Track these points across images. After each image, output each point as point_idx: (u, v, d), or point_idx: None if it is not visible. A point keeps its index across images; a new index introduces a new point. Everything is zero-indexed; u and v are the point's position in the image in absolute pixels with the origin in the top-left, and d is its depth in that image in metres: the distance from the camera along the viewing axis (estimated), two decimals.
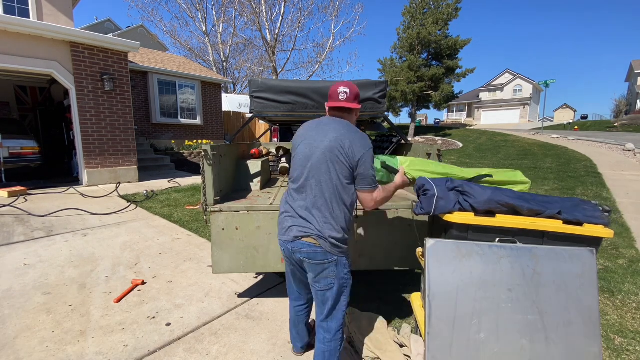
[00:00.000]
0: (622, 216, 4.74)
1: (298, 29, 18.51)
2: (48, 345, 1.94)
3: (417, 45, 20.56)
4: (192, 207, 5.23)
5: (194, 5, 19.47)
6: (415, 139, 20.68)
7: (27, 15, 7.52)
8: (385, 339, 1.93)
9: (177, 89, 11.28)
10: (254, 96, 2.64)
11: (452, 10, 19.95)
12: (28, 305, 2.38)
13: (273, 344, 2.01)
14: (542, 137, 18.21)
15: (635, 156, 10.99)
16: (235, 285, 2.74)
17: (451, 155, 13.34)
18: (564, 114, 43.95)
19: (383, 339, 1.94)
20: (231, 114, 14.39)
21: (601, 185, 6.74)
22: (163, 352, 1.92)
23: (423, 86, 20.29)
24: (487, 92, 43.57)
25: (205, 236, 3.94)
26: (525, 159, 11.53)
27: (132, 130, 7.48)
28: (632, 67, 32.30)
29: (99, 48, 6.78)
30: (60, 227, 4.18)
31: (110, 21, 26.06)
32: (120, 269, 3.00)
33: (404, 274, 2.92)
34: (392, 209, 2.30)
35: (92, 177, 6.92)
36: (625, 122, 25.37)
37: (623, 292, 2.69)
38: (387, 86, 2.75)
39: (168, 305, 2.42)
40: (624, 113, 32.13)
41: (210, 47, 20.58)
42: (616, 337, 2.13)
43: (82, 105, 6.64)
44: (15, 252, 3.33)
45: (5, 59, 5.79)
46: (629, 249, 3.60)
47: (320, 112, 2.68)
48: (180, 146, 11.17)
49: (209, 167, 2.24)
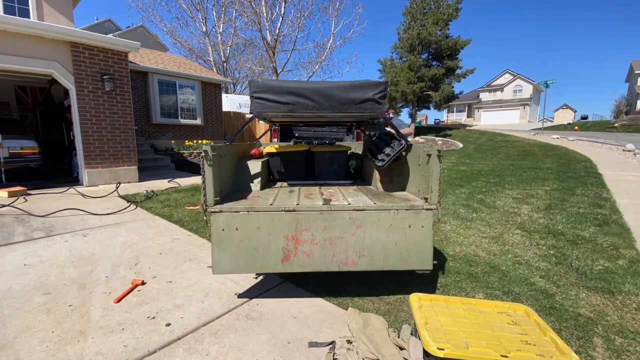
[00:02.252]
0: (622, 217, 4.74)
1: (298, 29, 18.55)
2: (48, 346, 1.94)
3: (417, 46, 20.58)
4: (192, 208, 5.23)
5: (194, 6, 19.51)
6: (415, 139, 20.69)
7: (27, 15, 7.52)
8: (384, 342, 1.93)
9: (177, 89, 11.28)
10: (254, 96, 2.64)
11: (452, 11, 19.98)
12: (28, 305, 2.38)
13: (273, 344, 2.01)
14: (542, 138, 18.21)
15: (635, 157, 10.99)
16: (235, 285, 2.74)
17: (451, 156, 13.33)
18: (564, 115, 43.99)
19: (382, 341, 1.93)
20: (231, 114, 14.40)
21: (601, 185, 6.74)
22: (163, 352, 1.92)
23: (423, 86, 20.30)
24: (487, 93, 43.59)
25: (205, 236, 3.94)
26: (525, 159, 11.53)
27: (132, 131, 7.48)
28: (632, 68, 32.31)
29: (99, 48, 6.79)
30: (60, 227, 4.18)
31: (110, 21, 26.09)
32: (120, 269, 3.00)
33: (404, 274, 2.91)
34: (392, 209, 2.30)
35: (92, 177, 6.91)
36: (625, 123, 25.38)
37: (623, 293, 2.69)
38: (388, 86, 2.75)
39: (168, 305, 2.42)
40: (624, 113, 32.14)
41: (211, 47, 20.60)
42: (616, 338, 2.13)
43: (82, 105, 6.64)
44: (15, 252, 3.33)
45: (6, 59, 5.79)
46: (629, 250, 3.60)
47: (320, 113, 2.68)
48: (180, 146, 11.17)
49: (209, 167, 2.24)
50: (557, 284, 2.86)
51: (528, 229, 4.34)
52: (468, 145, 17.00)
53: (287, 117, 3.00)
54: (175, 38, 20.30)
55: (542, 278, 2.96)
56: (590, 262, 3.29)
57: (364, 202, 2.40)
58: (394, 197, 2.63)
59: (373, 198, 2.57)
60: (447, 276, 2.97)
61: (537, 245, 3.77)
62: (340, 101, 2.64)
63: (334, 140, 6.73)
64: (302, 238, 2.30)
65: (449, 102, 22.79)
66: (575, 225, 4.45)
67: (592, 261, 3.32)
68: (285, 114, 2.74)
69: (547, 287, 2.80)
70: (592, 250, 3.60)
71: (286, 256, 2.30)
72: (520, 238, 4.02)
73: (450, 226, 4.47)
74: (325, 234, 2.30)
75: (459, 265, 3.22)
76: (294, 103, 2.65)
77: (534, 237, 4.04)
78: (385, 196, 2.66)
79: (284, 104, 2.65)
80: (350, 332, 2.02)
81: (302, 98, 2.63)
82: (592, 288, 2.78)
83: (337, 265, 2.33)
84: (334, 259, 2.33)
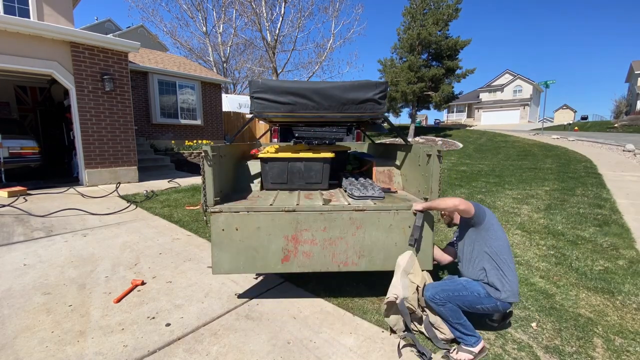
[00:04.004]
0: (622, 217, 4.74)
1: (298, 29, 18.54)
2: (48, 346, 1.94)
3: (417, 46, 20.56)
4: (192, 208, 5.23)
5: (194, 6, 19.52)
6: (415, 140, 20.69)
7: (27, 15, 7.51)
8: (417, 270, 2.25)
9: (177, 89, 11.28)
10: (254, 97, 2.64)
11: (452, 11, 19.95)
12: (28, 305, 2.38)
13: (273, 345, 2.01)
14: (542, 138, 18.22)
15: (635, 157, 10.99)
16: (235, 285, 2.74)
17: (451, 156, 13.33)
18: (564, 115, 43.98)
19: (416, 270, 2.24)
20: (231, 114, 14.40)
21: (601, 185, 6.74)
22: (163, 353, 1.92)
23: (423, 87, 20.27)
24: (487, 93, 43.57)
25: (205, 236, 3.94)
26: (525, 159, 11.53)
27: (132, 131, 7.48)
28: (632, 68, 32.30)
29: (99, 48, 6.79)
30: (60, 227, 4.18)
31: (110, 21, 26.10)
32: (120, 269, 3.00)
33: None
34: (392, 210, 2.30)
35: (92, 177, 6.91)
36: (625, 123, 25.38)
37: (623, 293, 2.69)
38: (387, 87, 2.75)
39: (168, 305, 2.42)
40: (624, 114, 32.15)
41: (211, 47, 20.61)
42: (616, 338, 2.13)
43: (82, 105, 6.64)
44: (15, 252, 3.33)
45: (5, 59, 5.79)
46: (629, 250, 3.60)
47: (320, 113, 2.68)
48: (180, 146, 11.17)
49: (209, 167, 2.24)
50: (557, 284, 2.86)
51: (528, 229, 4.34)
52: (468, 146, 17.01)
53: (287, 117, 3.00)
54: (175, 38, 20.32)
55: (542, 278, 2.96)
56: (590, 263, 3.29)
57: (364, 203, 2.39)
58: (394, 198, 2.63)
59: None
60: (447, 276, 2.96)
61: (537, 246, 3.77)
62: (340, 101, 2.64)
63: (334, 140, 6.73)
64: (302, 238, 2.30)
65: (449, 102, 22.73)
66: (575, 225, 4.45)
67: (592, 261, 3.32)
68: (285, 114, 2.74)
69: (547, 287, 2.80)
70: (592, 251, 3.60)
71: (286, 256, 2.30)
72: (520, 238, 4.02)
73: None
74: (325, 234, 2.30)
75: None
76: (294, 103, 2.65)
77: (534, 237, 4.04)
78: (385, 196, 2.66)
79: (284, 104, 2.65)
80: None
81: (302, 98, 2.63)
82: (592, 288, 2.78)
83: (337, 265, 2.34)
84: (334, 259, 2.33)
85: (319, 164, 2.89)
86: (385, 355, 1.93)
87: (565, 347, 2.03)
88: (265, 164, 2.87)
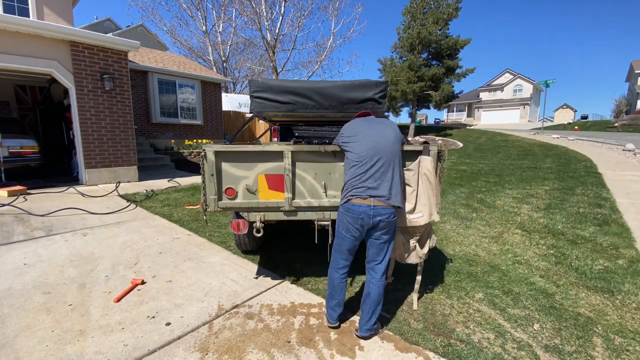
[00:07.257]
0: (622, 216, 4.75)
1: (298, 28, 18.51)
2: (48, 345, 1.94)
3: (417, 45, 20.54)
4: (192, 207, 5.23)
5: (194, 5, 19.47)
6: (415, 139, 20.68)
7: (26, 14, 7.51)
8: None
9: (177, 89, 11.26)
10: (254, 96, 2.64)
11: (452, 10, 19.93)
12: (28, 304, 2.38)
13: (273, 344, 2.01)
14: (542, 137, 18.21)
15: (635, 156, 10.99)
16: (235, 285, 2.74)
17: (451, 156, 13.33)
18: (564, 114, 43.98)
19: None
20: (231, 114, 14.38)
21: (601, 185, 6.74)
22: (163, 352, 1.92)
23: (423, 86, 20.25)
24: (487, 92, 43.55)
25: (205, 236, 3.93)
26: (525, 159, 11.53)
27: (132, 130, 7.47)
28: (632, 67, 32.29)
29: (98, 47, 6.77)
30: (59, 226, 4.18)
31: (110, 20, 26.07)
32: (120, 269, 3.00)
33: (404, 274, 2.91)
34: None
35: (91, 176, 6.91)
36: (626, 122, 25.38)
37: (623, 292, 2.69)
38: (387, 86, 2.75)
39: (168, 304, 2.42)
40: (624, 113, 32.13)
41: (210, 46, 20.57)
42: (616, 337, 2.13)
43: (82, 104, 6.63)
44: (15, 252, 3.33)
45: (5, 58, 5.78)
46: (629, 249, 3.61)
47: (320, 112, 2.68)
48: (180, 146, 11.16)
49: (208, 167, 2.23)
50: (557, 283, 2.86)
51: (528, 228, 4.34)
52: (468, 145, 17.00)
53: (287, 117, 3.00)
54: (175, 37, 20.26)
55: (541, 278, 2.96)
56: (590, 262, 3.29)
57: None
58: None
59: None
60: (447, 276, 2.97)
61: (537, 245, 3.77)
62: (340, 100, 2.64)
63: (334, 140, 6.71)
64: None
65: (449, 101, 22.72)
66: (575, 224, 4.46)
67: (592, 261, 3.32)
68: (285, 114, 2.73)
69: (547, 286, 2.80)
70: (591, 250, 3.60)
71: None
72: (520, 238, 4.02)
73: (450, 225, 4.47)
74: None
75: (458, 264, 3.22)
76: (294, 102, 2.64)
77: (534, 236, 4.04)
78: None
79: (284, 104, 2.65)
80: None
81: (302, 97, 2.63)
82: (592, 288, 2.78)
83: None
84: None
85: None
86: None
87: (565, 347, 2.03)
88: None
